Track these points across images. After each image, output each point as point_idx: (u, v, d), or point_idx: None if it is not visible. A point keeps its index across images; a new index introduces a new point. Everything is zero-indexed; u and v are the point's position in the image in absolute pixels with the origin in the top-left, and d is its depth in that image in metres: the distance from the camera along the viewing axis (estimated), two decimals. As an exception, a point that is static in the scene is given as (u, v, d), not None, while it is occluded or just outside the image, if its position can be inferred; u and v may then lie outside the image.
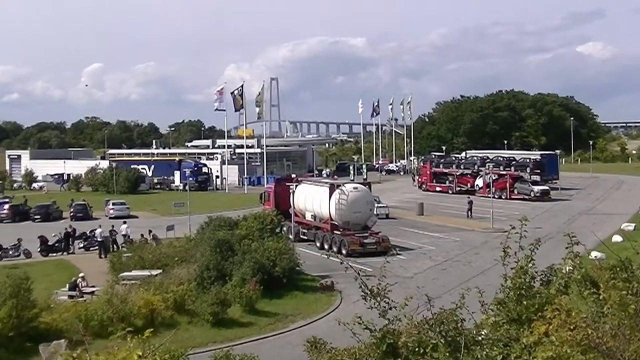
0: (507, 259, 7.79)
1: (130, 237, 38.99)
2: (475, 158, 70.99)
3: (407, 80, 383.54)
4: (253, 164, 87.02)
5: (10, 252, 38.31)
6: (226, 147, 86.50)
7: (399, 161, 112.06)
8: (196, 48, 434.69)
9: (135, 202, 62.34)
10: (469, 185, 67.41)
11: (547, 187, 62.22)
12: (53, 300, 25.72)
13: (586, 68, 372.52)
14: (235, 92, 77.87)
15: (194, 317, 25.61)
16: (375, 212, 41.13)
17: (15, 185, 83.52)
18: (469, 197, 54.12)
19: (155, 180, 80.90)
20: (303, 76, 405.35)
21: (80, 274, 30.03)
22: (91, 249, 40.27)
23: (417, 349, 6.89)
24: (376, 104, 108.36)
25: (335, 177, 60.41)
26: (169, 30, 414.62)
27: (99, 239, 39.30)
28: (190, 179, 70.65)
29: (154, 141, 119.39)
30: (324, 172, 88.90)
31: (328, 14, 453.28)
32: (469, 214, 50.75)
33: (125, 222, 42.89)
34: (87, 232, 41.56)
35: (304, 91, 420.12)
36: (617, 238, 35.79)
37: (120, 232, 40.57)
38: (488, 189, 56.47)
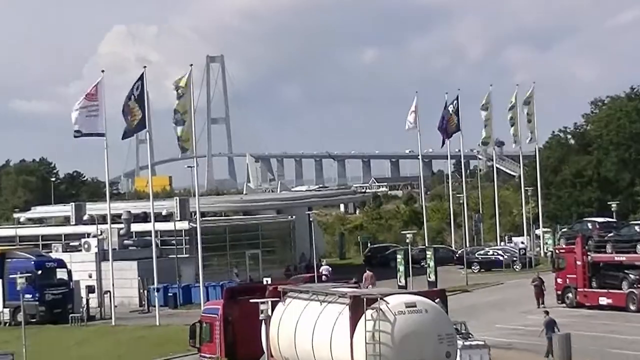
0: None
1: None
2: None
3: (521, 52, 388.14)
4: (172, 256, 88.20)
5: None
6: (109, 220, 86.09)
7: (509, 238, 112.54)
8: None
9: None
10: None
11: None
12: None
13: None
14: (132, 93, 77.97)
15: None
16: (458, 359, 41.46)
17: None
18: (536, 273, 58.66)
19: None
20: (284, 50, 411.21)
21: None
22: None
23: None
24: (452, 107, 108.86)
25: (370, 276, 59.19)
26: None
27: None
28: (28, 295, 70.25)
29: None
30: (322, 268, 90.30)
31: None
32: (540, 302, 57.20)
33: None
34: None
35: (287, 84, 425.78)
36: None
37: None
38: None
